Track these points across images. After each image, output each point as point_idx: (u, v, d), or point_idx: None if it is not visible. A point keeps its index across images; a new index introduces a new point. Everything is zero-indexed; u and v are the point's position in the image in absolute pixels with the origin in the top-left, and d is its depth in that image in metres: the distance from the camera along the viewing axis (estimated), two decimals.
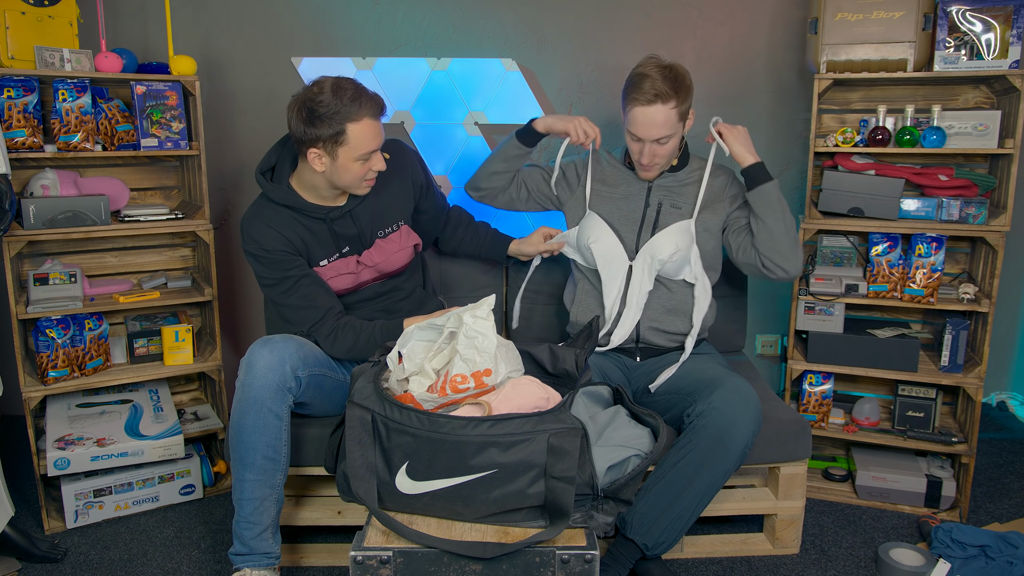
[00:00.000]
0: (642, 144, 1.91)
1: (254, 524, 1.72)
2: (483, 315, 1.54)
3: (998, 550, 1.88)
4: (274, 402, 1.69)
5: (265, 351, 1.70)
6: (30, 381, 2.10)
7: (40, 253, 2.28)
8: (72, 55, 2.08)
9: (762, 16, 2.61)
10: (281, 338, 1.75)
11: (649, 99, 1.84)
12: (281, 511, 1.77)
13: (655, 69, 1.86)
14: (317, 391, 1.81)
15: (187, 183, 2.40)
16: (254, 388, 1.68)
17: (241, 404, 1.69)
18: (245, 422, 1.69)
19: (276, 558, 1.75)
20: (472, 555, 1.40)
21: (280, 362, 1.69)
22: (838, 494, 2.34)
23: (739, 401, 1.71)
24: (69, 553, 2.02)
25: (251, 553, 1.73)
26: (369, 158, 1.77)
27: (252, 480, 1.71)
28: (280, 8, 2.59)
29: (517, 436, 1.44)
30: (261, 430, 1.69)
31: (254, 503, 1.71)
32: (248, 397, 1.69)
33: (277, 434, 1.71)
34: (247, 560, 1.73)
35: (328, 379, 1.84)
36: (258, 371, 1.68)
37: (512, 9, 2.61)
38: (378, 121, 1.76)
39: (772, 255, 1.92)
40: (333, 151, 1.73)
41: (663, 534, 1.74)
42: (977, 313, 2.25)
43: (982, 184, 2.21)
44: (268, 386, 1.68)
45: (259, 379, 1.68)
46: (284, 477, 1.76)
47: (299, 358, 1.74)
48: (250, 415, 1.69)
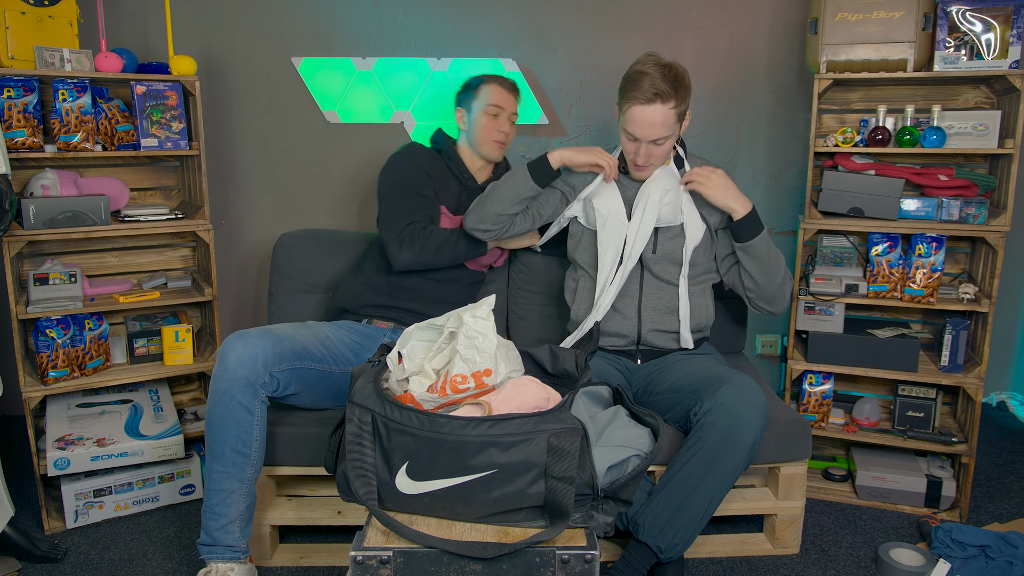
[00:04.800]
0: (638, 144, 1.89)
1: (219, 515, 1.73)
2: (483, 315, 1.54)
3: (998, 550, 1.88)
4: (244, 396, 1.71)
5: (238, 345, 1.72)
6: (30, 381, 2.10)
7: (40, 253, 2.28)
8: (72, 55, 2.08)
9: (762, 16, 2.61)
10: (257, 333, 1.76)
11: (648, 98, 1.82)
12: (254, 507, 1.78)
13: (655, 67, 1.83)
14: (302, 384, 1.82)
15: (187, 183, 2.40)
16: (224, 380, 1.70)
17: (212, 395, 1.72)
18: (215, 413, 1.71)
19: (243, 552, 1.75)
20: (472, 555, 1.40)
21: (252, 358, 1.71)
22: (838, 494, 2.34)
23: (746, 397, 1.70)
24: (69, 553, 2.02)
25: (215, 544, 1.73)
26: (497, 116, 2.10)
27: (219, 471, 1.72)
28: (280, 8, 2.59)
29: (517, 436, 1.44)
30: (231, 423, 1.71)
31: (220, 494, 1.73)
32: (218, 389, 1.71)
33: (248, 429, 1.72)
34: (212, 552, 1.73)
35: (312, 372, 1.84)
36: (229, 364, 1.70)
37: (512, 9, 2.61)
38: (509, 93, 2.14)
39: (756, 298, 1.98)
40: (469, 106, 2.14)
41: (677, 536, 1.72)
42: (977, 313, 2.25)
43: (982, 184, 2.21)
44: (237, 380, 1.70)
45: (229, 372, 1.70)
46: (256, 473, 1.76)
47: (274, 355, 1.74)
48: (219, 407, 1.71)
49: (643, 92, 1.82)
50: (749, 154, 2.71)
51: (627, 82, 1.86)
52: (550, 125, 2.68)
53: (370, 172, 2.72)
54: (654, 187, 1.95)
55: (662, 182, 1.96)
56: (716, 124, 2.69)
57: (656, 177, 1.97)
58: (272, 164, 2.70)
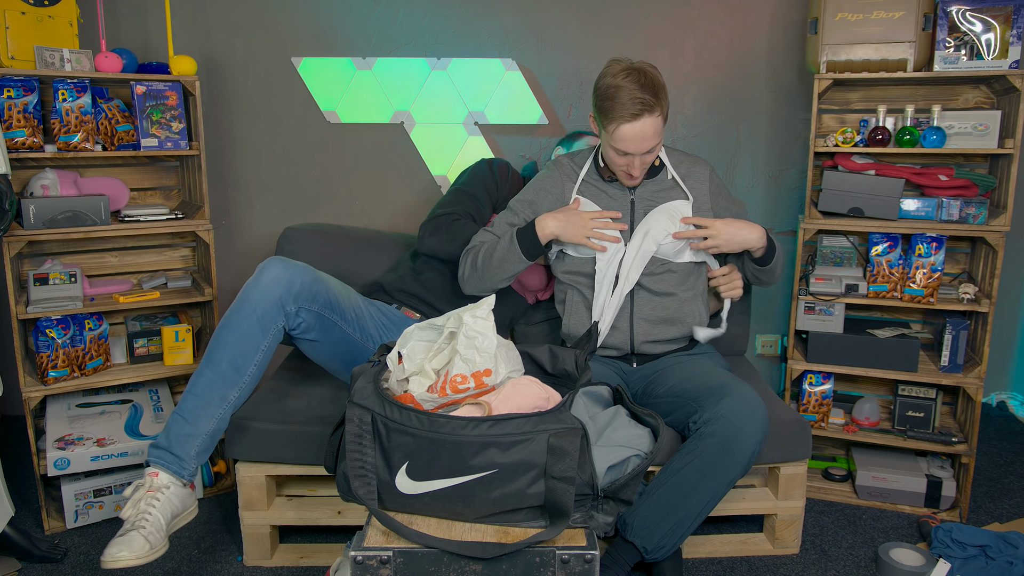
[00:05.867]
0: (631, 158, 1.84)
1: (186, 422, 1.68)
2: (483, 315, 1.54)
3: (998, 550, 1.88)
4: (265, 313, 1.70)
5: (280, 267, 1.73)
6: (30, 381, 2.10)
7: (40, 253, 2.28)
8: (72, 55, 2.08)
9: (762, 16, 2.61)
10: (302, 265, 1.77)
11: (634, 113, 1.75)
12: (219, 437, 1.74)
13: (627, 78, 1.76)
14: (322, 333, 1.81)
15: (187, 183, 2.40)
16: (254, 292, 1.71)
17: (235, 304, 1.72)
18: (229, 321, 1.71)
19: (189, 473, 1.68)
20: (472, 555, 1.40)
21: (289, 282, 1.71)
22: (838, 494, 2.34)
23: (748, 410, 1.68)
24: (69, 553, 2.02)
25: (167, 450, 1.67)
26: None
27: (208, 377, 1.70)
28: (280, 8, 2.59)
29: (517, 436, 1.44)
30: (241, 334, 1.69)
31: (197, 400, 1.69)
32: (244, 298, 1.71)
33: (254, 348, 1.71)
34: (160, 457, 1.67)
35: (337, 328, 1.82)
36: (264, 279, 1.71)
37: (512, 9, 2.61)
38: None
39: (756, 283, 2.08)
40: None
41: (663, 539, 1.72)
42: (977, 313, 2.25)
43: (982, 184, 2.21)
44: (267, 297, 1.70)
45: (262, 286, 1.70)
46: (240, 398, 1.73)
47: (310, 292, 1.74)
48: (237, 316, 1.70)
49: (627, 108, 1.75)
50: (749, 154, 2.71)
51: (604, 99, 1.79)
52: (550, 125, 2.68)
53: (370, 172, 2.72)
54: (659, 225, 1.90)
55: (667, 224, 1.91)
56: (716, 124, 2.69)
57: (661, 214, 1.92)
58: (272, 164, 2.70)
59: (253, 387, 1.76)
